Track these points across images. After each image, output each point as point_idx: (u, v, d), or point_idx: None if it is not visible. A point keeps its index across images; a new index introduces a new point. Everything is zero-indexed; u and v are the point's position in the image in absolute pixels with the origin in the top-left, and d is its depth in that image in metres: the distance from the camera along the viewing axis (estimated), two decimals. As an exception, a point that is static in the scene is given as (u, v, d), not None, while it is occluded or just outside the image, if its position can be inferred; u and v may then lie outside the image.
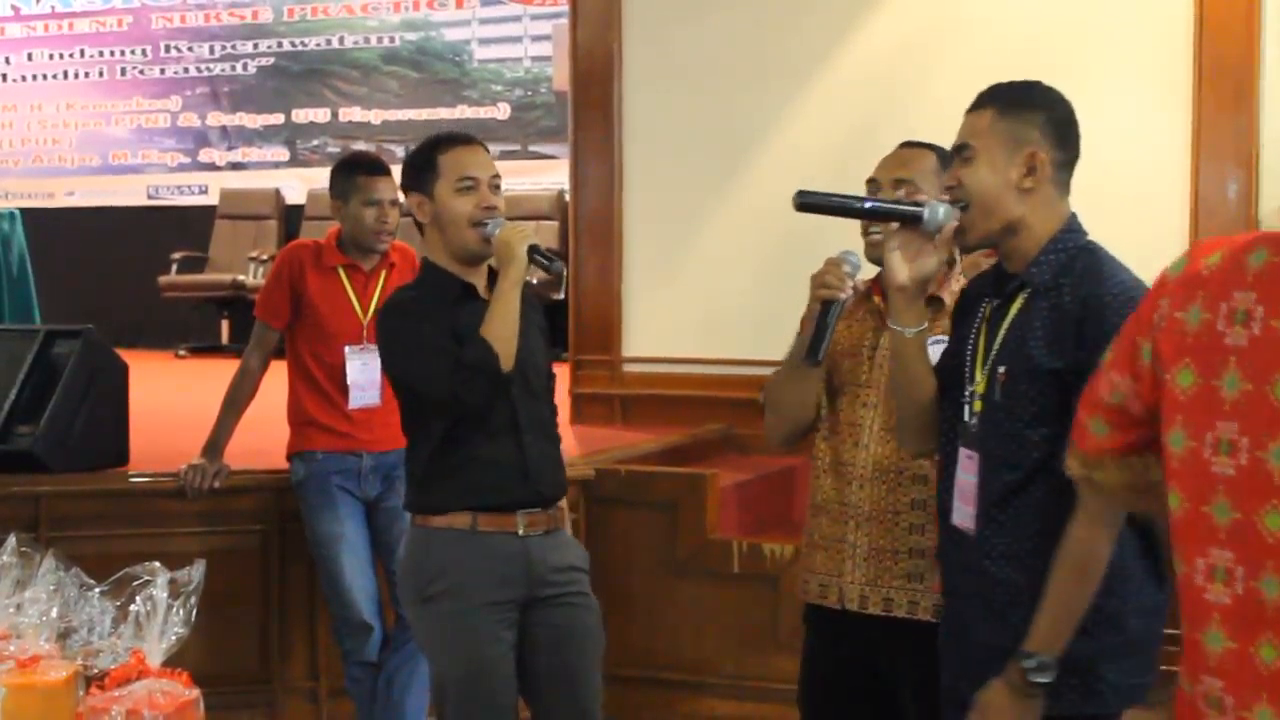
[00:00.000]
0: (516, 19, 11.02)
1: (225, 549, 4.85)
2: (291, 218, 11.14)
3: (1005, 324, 2.69)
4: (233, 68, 11.90)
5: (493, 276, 3.50)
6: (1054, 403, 2.56)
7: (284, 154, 11.74)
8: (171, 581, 2.24)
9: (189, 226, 11.43)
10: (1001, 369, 2.66)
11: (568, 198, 7.11)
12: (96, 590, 2.34)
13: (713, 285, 6.33)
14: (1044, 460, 2.58)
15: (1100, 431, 2.14)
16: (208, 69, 11.98)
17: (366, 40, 11.50)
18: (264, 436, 5.00)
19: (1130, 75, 5.72)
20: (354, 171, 4.64)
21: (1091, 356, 2.34)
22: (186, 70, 12.05)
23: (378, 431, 4.62)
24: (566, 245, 7.18)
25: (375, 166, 4.69)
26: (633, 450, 5.76)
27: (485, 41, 11.14)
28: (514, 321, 3.36)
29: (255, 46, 11.78)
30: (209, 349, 10.65)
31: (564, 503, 3.64)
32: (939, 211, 2.74)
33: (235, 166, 11.89)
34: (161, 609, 2.21)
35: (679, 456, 5.78)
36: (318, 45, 11.63)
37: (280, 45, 11.73)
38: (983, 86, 6.00)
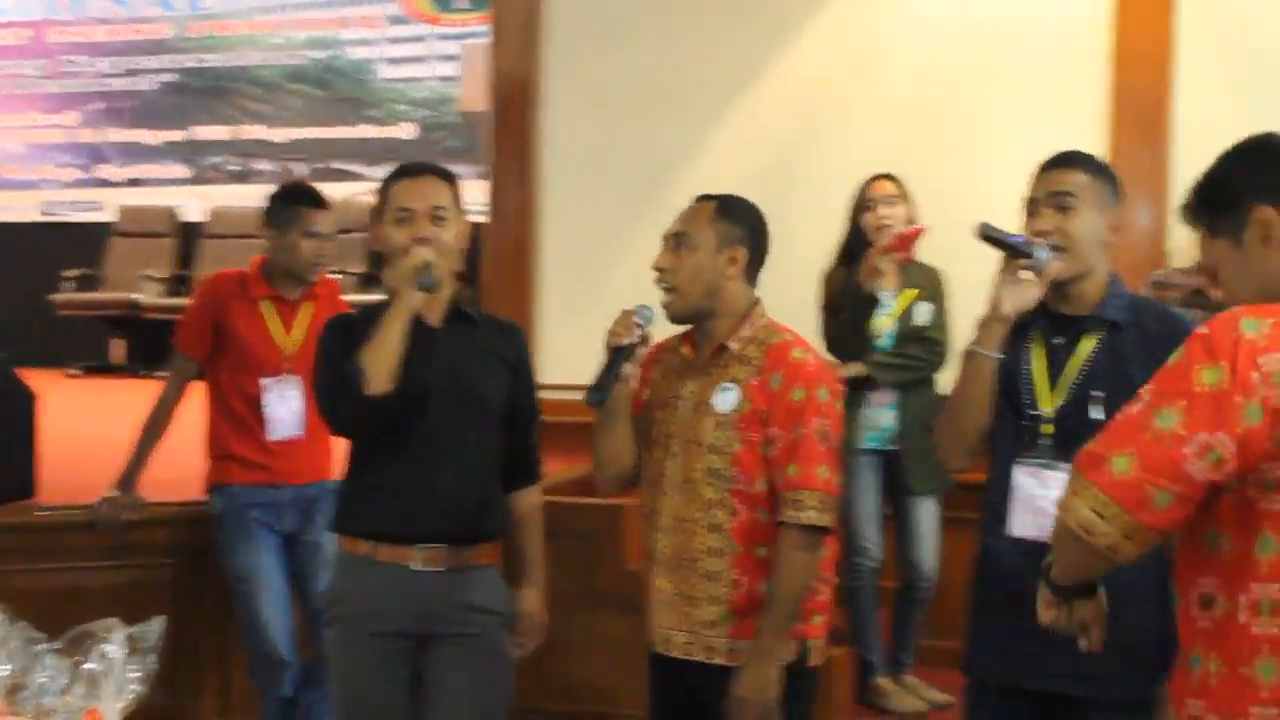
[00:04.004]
0: (423, 39, 10.93)
1: (136, 582, 4.71)
2: (189, 236, 10.94)
3: (1081, 357, 3.06)
4: (133, 83, 11.68)
5: (455, 307, 3.47)
6: None
7: (184, 171, 11.54)
8: (129, 638, 2.17)
9: (84, 244, 11.18)
10: (1098, 394, 3.00)
11: (479, 219, 7.03)
12: (46, 647, 2.25)
13: (628, 313, 6.28)
14: None
15: (1164, 503, 2.07)
16: (107, 84, 11.76)
17: (272, 58, 11.36)
18: (177, 467, 4.88)
19: (1046, 107, 5.80)
20: (296, 202, 4.57)
21: None
22: (85, 85, 11.82)
23: (298, 464, 4.58)
24: (475, 269, 7.10)
25: (318, 199, 4.62)
26: (547, 480, 5.68)
27: (392, 61, 11.05)
28: (389, 347, 3.27)
29: (157, 62, 11.61)
30: (100, 369, 10.42)
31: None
32: (1043, 256, 3.02)
33: (134, 183, 11.66)
34: (118, 666, 2.13)
35: (592, 486, 5.73)
36: (221, 62, 11.47)
37: (182, 61, 11.55)
38: (901, 115, 6.12)
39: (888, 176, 5.08)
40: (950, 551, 5.14)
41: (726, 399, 3.18)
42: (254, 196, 10.96)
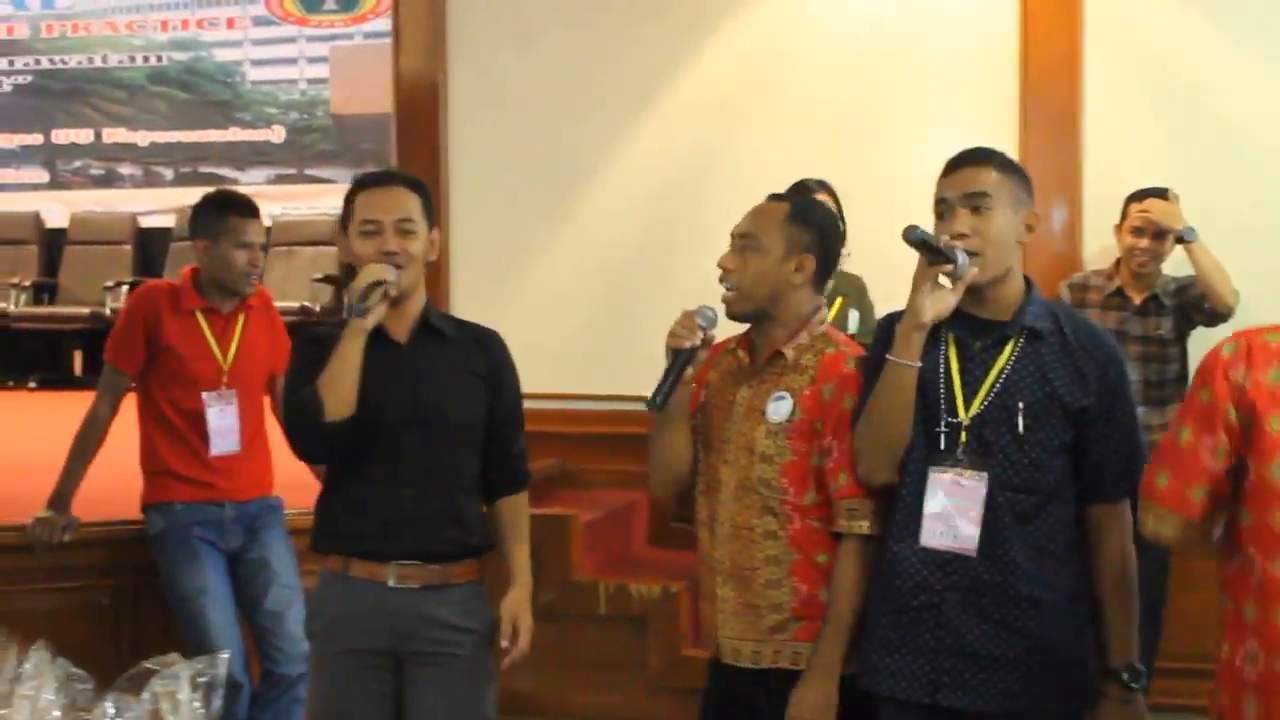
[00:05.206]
0: (292, 40, 10.75)
1: (73, 605, 4.57)
2: (52, 242, 10.65)
3: (1001, 363, 2.94)
4: (-14, 86, 11.34)
5: (423, 321, 3.42)
6: (1071, 437, 2.91)
7: (43, 176, 11.19)
8: (190, 676, 2.10)
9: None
10: (1021, 404, 2.90)
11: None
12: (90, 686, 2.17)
13: (542, 318, 6.24)
14: (1058, 485, 2.91)
15: (1199, 496, 2.60)
16: (-41, 86, 11.38)
17: (132, 59, 11.06)
18: (106, 484, 4.73)
19: (958, 112, 5.85)
20: (227, 212, 4.44)
21: (1115, 400, 2.91)
22: (-64, 88, 11.43)
23: (239, 480, 4.49)
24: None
25: (249, 208, 4.50)
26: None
27: (259, 63, 10.84)
28: (347, 373, 3.22)
29: (11, 64, 11.25)
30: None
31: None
32: (963, 260, 2.88)
33: (-11, 189, 11.31)
34: (185, 706, 2.06)
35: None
36: (79, 63, 11.14)
37: (39, 62, 11.21)
38: (812, 121, 6.15)
39: (821, 184, 4.98)
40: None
41: (780, 408, 3.12)
42: (118, 201, 10.77)
